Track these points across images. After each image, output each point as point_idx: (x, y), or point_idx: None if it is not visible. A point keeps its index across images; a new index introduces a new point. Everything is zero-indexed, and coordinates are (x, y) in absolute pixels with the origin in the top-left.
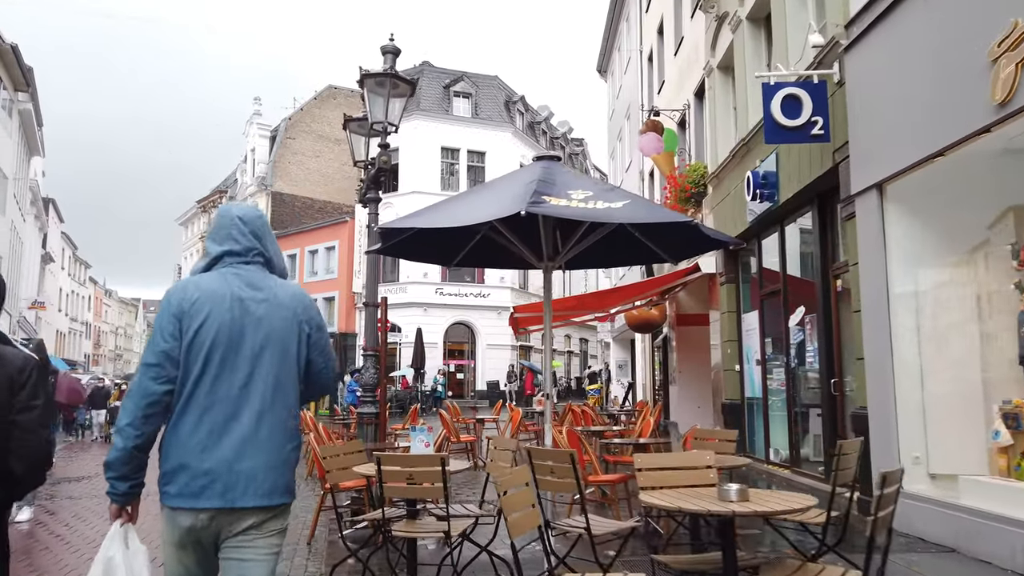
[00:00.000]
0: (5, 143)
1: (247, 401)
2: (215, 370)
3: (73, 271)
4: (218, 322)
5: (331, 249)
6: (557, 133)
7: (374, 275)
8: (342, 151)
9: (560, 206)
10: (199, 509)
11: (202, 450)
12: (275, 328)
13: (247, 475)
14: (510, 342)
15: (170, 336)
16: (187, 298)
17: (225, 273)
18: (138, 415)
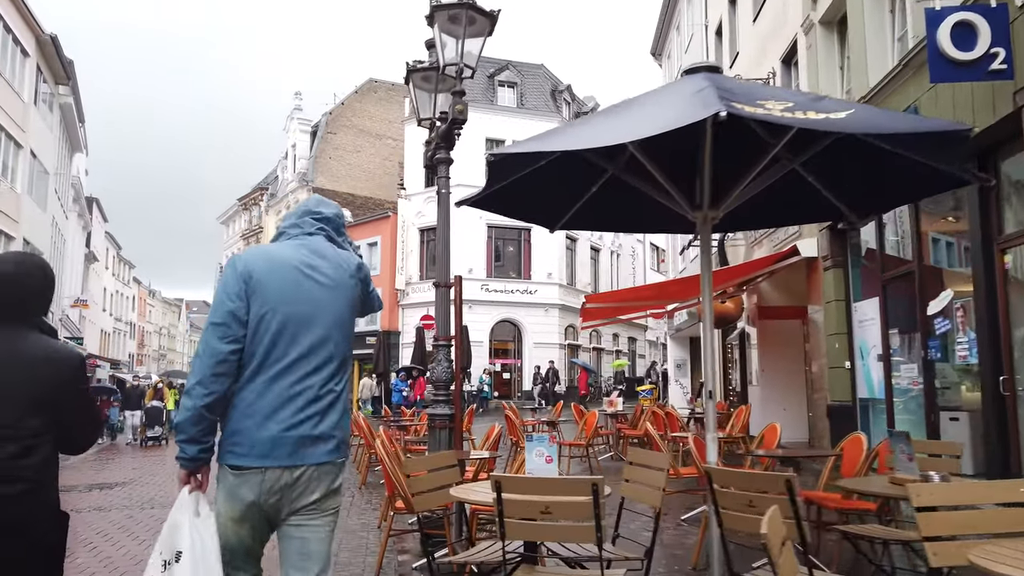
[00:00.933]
0: (46, 137)
1: (311, 367)
2: (288, 338)
3: (117, 271)
4: (282, 289)
5: (373, 245)
6: None
7: (445, 246)
8: (383, 146)
9: (772, 114)
10: (266, 468)
11: (269, 416)
12: (337, 295)
13: (312, 437)
14: (558, 340)
15: (236, 296)
16: (254, 262)
17: (292, 243)
18: (207, 374)
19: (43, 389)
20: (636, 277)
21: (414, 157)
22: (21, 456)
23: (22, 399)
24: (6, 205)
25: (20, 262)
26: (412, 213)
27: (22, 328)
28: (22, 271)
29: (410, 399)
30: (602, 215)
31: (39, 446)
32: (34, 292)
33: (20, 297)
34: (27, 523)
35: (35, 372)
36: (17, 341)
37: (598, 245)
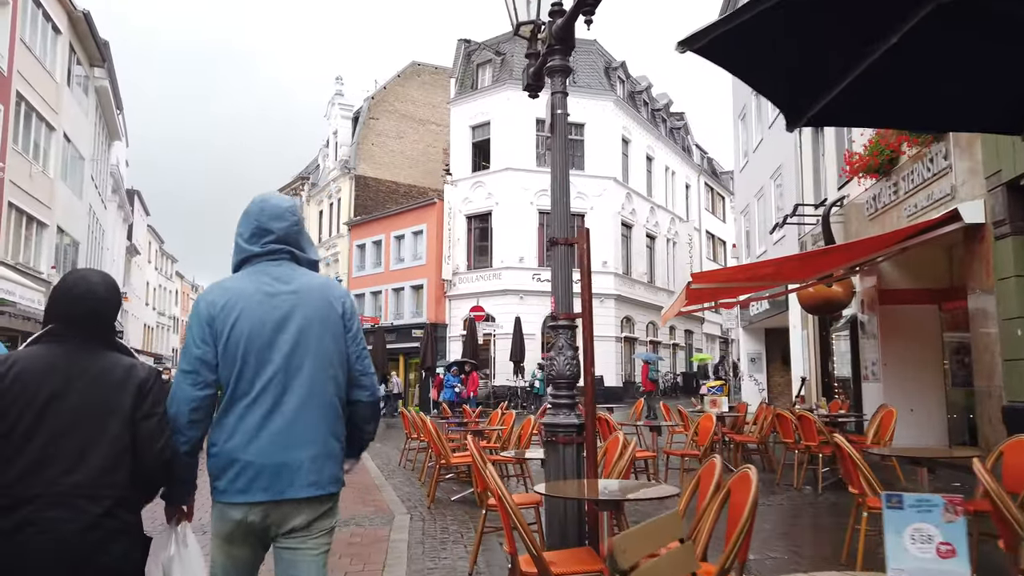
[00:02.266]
0: (81, 122)
1: (286, 394)
2: (253, 366)
3: (160, 265)
4: (249, 319)
5: (418, 234)
6: (658, 105)
7: (564, 188)
8: (427, 131)
9: None
10: (249, 504)
11: (247, 444)
12: (307, 319)
13: (291, 467)
14: (614, 333)
15: (202, 342)
16: (216, 302)
17: (252, 272)
18: (183, 422)
19: (123, 405)
20: (693, 267)
21: (460, 141)
22: (108, 473)
23: (105, 415)
24: (38, 190)
25: (108, 285)
26: (459, 199)
27: (102, 346)
28: (110, 294)
29: (463, 395)
30: (884, 99)
31: (123, 463)
32: (114, 312)
33: (102, 319)
34: (111, 541)
35: (116, 388)
36: (99, 359)
37: (654, 232)
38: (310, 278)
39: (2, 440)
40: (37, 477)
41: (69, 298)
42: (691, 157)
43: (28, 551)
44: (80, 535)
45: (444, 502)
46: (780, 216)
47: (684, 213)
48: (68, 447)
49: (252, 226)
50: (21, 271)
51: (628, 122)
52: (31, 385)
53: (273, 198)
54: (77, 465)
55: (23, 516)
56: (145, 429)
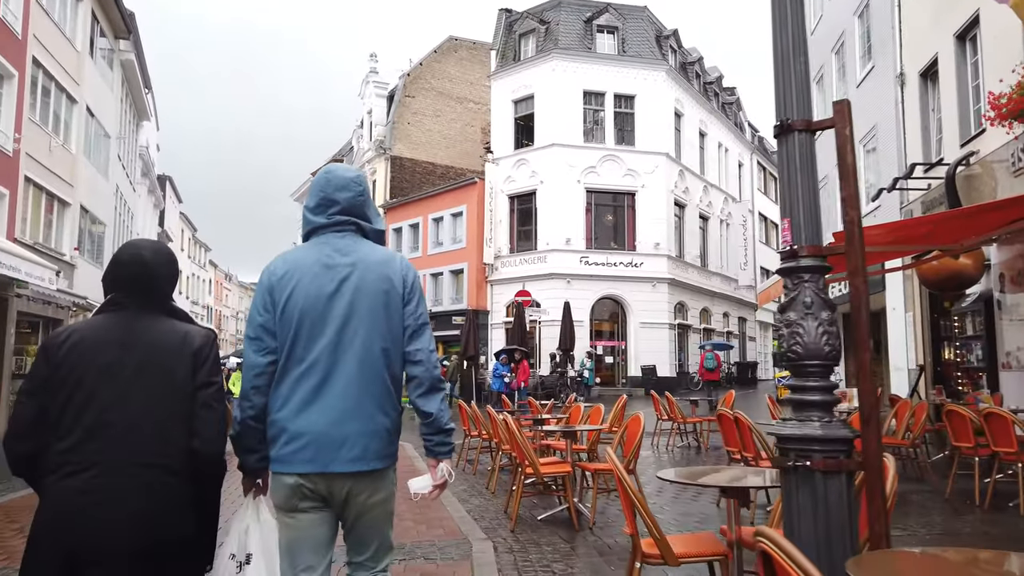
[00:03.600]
0: (106, 98)
1: (337, 366)
2: (305, 336)
3: (193, 253)
4: (305, 290)
5: (458, 216)
6: (710, 78)
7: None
8: (465, 110)
9: None
10: (297, 473)
11: (296, 414)
12: (364, 291)
13: (337, 440)
14: (667, 320)
15: (263, 309)
16: (276, 271)
17: (315, 243)
18: (248, 387)
19: (179, 372)
20: (747, 250)
21: (502, 116)
22: (164, 440)
23: (161, 382)
24: (59, 165)
25: (156, 250)
26: (501, 178)
27: (158, 313)
28: (159, 259)
29: (512, 385)
30: None
31: (180, 431)
32: (166, 278)
33: (153, 284)
34: (168, 508)
35: (172, 355)
36: (156, 326)
37: (707, 213)
38: (371, 250)
39: (61, 408)
40: (94, 444)
41: (117, 263)
42: (743, 134)
43: (87, 517)
44: (136, 502)
45: (529, 522)
46: (876, 183)
47: (737, 193)
48: (124, 414)
49: (318, 197)
50: (41, 251)
51: (681, 94)
52: (87, 355)
53: (338, 169)
54: (133, 432)
55: (82, 482)
56: (203, 398)
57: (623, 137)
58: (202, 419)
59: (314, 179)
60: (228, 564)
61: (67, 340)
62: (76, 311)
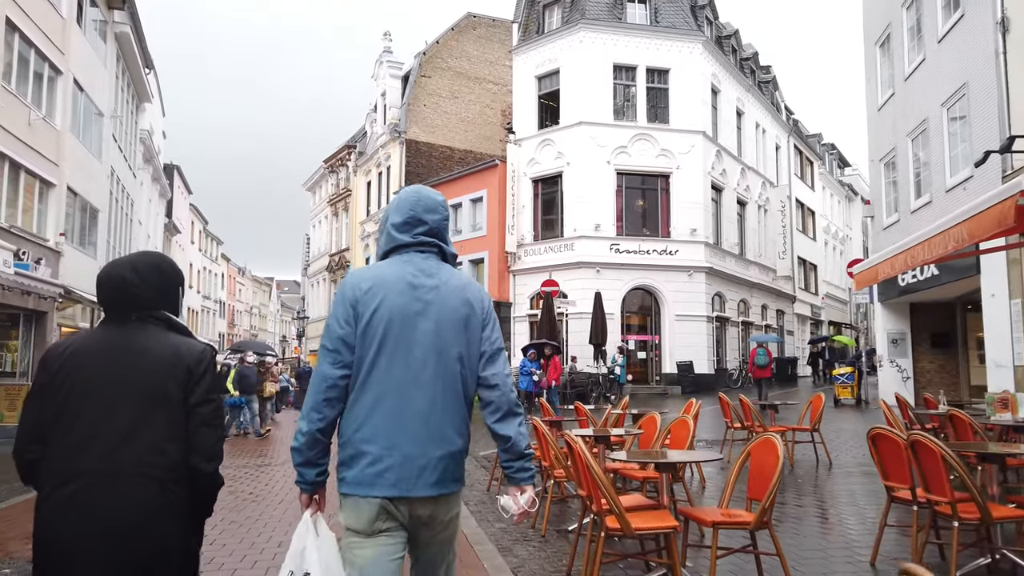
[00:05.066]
0: (98, 72)
1: (420, 388)
2: (388, 354)
3: (204, 246)
4: (390, 307)
5: (477, 201)
6: (747, 54)
7: None
8: (483, 91)
9: None
10: (377, 497)
11: (376, 436)
12: (445, 315)
13: (419, 464)
14: (704, 312)
15: (345, 323)
16: (361, 285)
17: (400, 260)
18: (319, 399)
19: (171, 387)
20: (786, 238)
21: (525, 94)
22: (155, 453)
23: (153, 395)
24: (41, 142)
25: (136, 267)
26: (524, 161)
27: (154, 326)
28: (141, 277)
29: (542, 384)
30: None
31: (172, 445)
32: (155, 291)
33: (136, 302)
34: (156, 520)
35: (165, 370)
36: (152, 340)
37: (744, 198)
38: (452, 274)
39: (55, 418)
40: (85, 454)
41: (98, 284)
42: (780, 115)
43: (75, 526)
44: (124, 513)
45: None
46: (966, 156)
47: (774, 177)
48: (115, 426)
49: (406, 215)
50: (18, 236)
51: (717, 69)
52: (82, 365)
53: (427, 191)
54: (124, 444)
55: (71, 491)
56: (202, 417)
57: (656, 114)
58: (201, 436)
59: (401, 197)
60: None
61: (65, 350)
62: (63, 303)
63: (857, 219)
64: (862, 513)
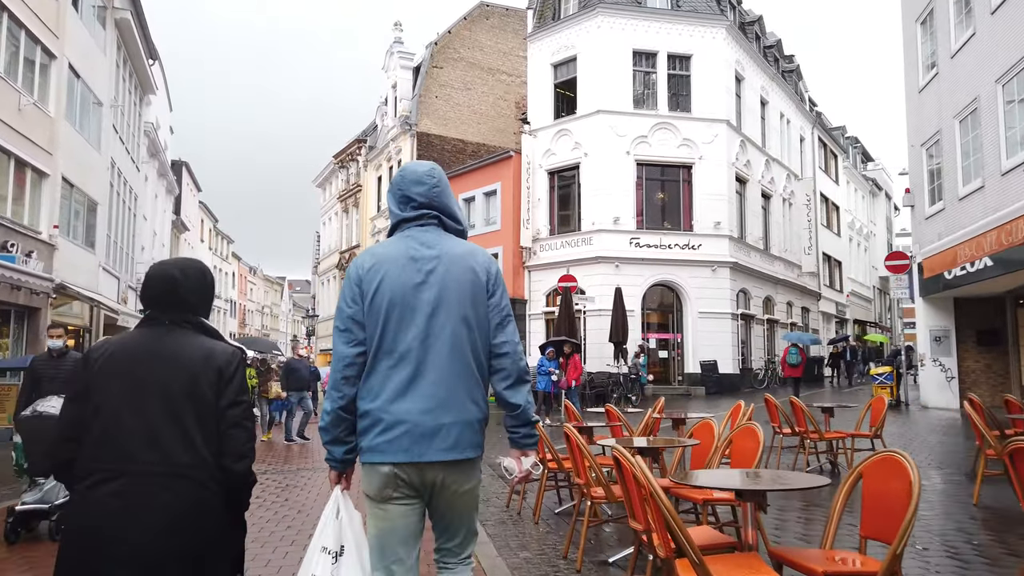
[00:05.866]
0: (96, 59)
1: (428, 356)
2: (394, 327)
3: (214, 245)
4: (392, 282)
5: (491, 195)
6: (770, 41)
7: None
8: (497, 82)
9: None
10: (391, 463)
11: (389, 405)
12: (448, 284)
13: (431, 430)
14: (729, 309)
15: (352, 302)
16: (364, 264)
17: (401, 236)
18: (338, 378)
19: (203, 387)
20: (812, 233)
21: (540, 82)
22: (188, 451)
23: (185, 395)
24: (32, 129)
25: (185, 270)
26: (539, 152)
27: (188, 329)
28: (187, 279)
29: (561, 384)
30: None
31: (203, 443)
32: (197, 295)
33: (181, 303)
34: (189, 517)
35: (196, 371)
36: (185, 342)
37: (769, 190)
38: (454, 243)
39: (93, 416)
40: (121, 451)
41: (147, 282)
42: (804, 106)
43: (112, 521)
44: (162, 509)
45: None
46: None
47: (799, 170)
48: (149, 424)
49: (397, 195)
50: (7, 227)
51: (741, 55)
52: (121, 366)
53: (412, 165)
54: (157, 442)
55: (112, 487)
56: (232, 418)
57: (678, 103)
58: (232, 438)
59: (397, 174)
60: (322, 557)
61: (104, 351)
62: (57, 298)
63: (881, 215)
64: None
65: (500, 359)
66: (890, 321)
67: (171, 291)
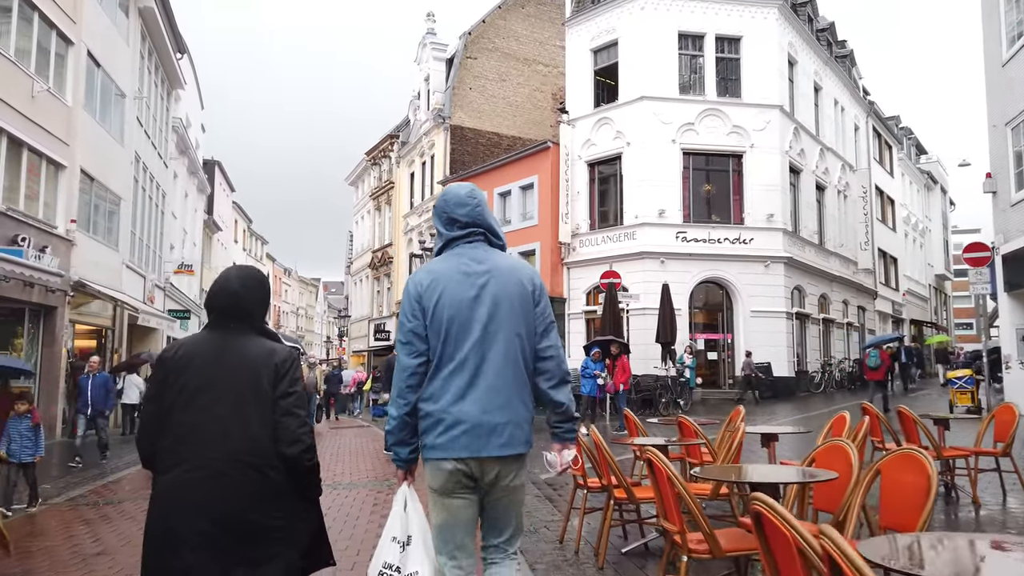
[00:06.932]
0: (119, 48)
1: (483, 363)
2: (454, 338)
3: (248, 245)
4: (450, 297)
5: (528, 188)
6: (822, 24)
7: None
8: (533, 73)
9: None
10: (452, 458)
11: (450, 406)
12: (500, 296)
13: (487, 428)
14: (784, 307)
15: (412, 316)
16: (423, 282)
17: (452, 254)
18: (402, 387)
19: (263, 383)
20: (868, 228)
21: (579, 70)
22: (254, 441)
23: (249, 391)
24: (48, 118)
25: (245, 281)
26: (578, 143)
27: (251, 332)
28: (248, 290)
29: (608, 389)
30: None
31: (267, 434)
32: (256, 304)
33: (242, 310)
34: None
35: (258, 368)
36: (246, 343)
37: (823, 182)
38: (501, 258)
39: (171, 410)
40: (197, 441)
41: (212, 293)
42: (858, 93)
43: (191, 503)
44: (226, 499)
45: None
46: None
47: (853, 160)
48: (218, 416)
49: (443, 218)
50: (15, 219)
51: (794, 38)
52: (193, 364)
53: (453, 187)
54: (225, 432)
55: (183, 473)
56: (284, 407)
57: (727, 88)
58: (284, 426)
59: (440, 196)
60: (392, 546)
61: (177, 352)
62: (76, 297)
63: (937, 210)
64: None
65: (545, 362)
66: (946, 321)
67: (235, 304)
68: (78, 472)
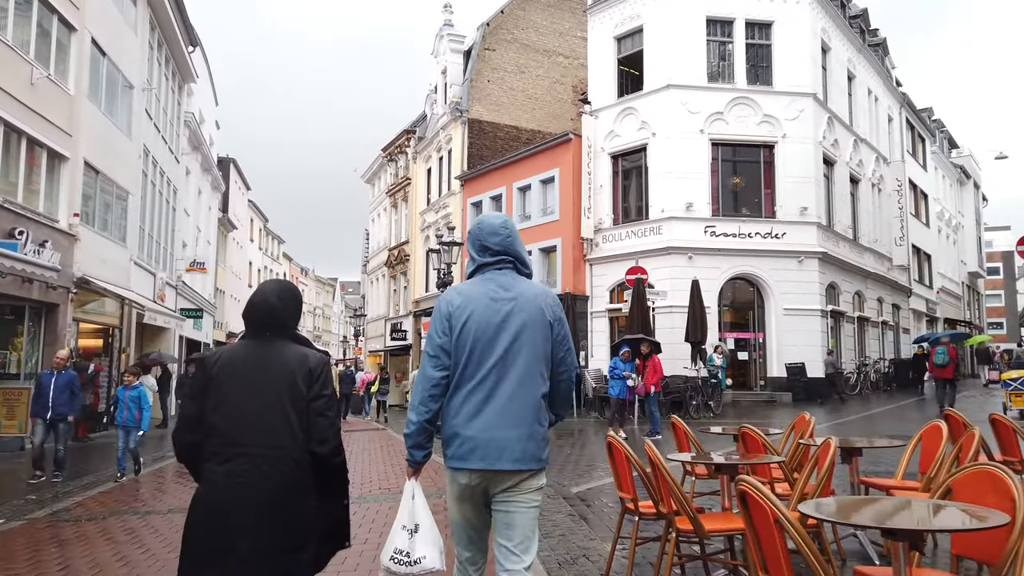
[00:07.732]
0: (127, 38)
1: (502, 383)
2: (477, 357)
3: (265, 244)
4: (477, 319)
5: (548, 182)
6: (856, 10)
7: None
8: (552, 64)
9: None
10: (467, 469)
11: (468, 421)
12: (524, 322)
13: (501, 443)
14: (818, 305)
15: (442, 333)
16: (453, 302)
17: (483, 279)
18: (425, 396)
19: (298, 386)
20: (903, 223)
21: (602, 58)
22: (288, 439)
23: (284, 394)
24: (48, 107)
25: (280, 295)
26: (601, 134)
27: (286, 340)
28: (283, 303)
29: (638, 391)
30: None
31: (300, 434)
32: (291, 315)
33: (278, 322)
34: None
35: (292, 373)
36: (281, 351)
37: (857, 174)
38: (527, 286)
39: (214, 409)
40: (239, 436)
41: (250, 306)
42: (891, 83)
43: (233, 491)
44: (267, 483)
45: None
46: None
47: (887, 152)
48: (260, 415)
49: (477, 245)
50: (12, 212)
51: (827, 24)
52: (231, 370)
53: (488, 218)
54: (266, 429)
55: (230, 468)
56: (317, 408)
57: (757, 75)
58: (317, 426)
59: (469, 231)
60: (401, 533)
61: (219, 358)
62: (81, 294)
63: (970, 205)
64: None
65: (558, 384)
66: (979, 320)
67: (271, 316)
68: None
